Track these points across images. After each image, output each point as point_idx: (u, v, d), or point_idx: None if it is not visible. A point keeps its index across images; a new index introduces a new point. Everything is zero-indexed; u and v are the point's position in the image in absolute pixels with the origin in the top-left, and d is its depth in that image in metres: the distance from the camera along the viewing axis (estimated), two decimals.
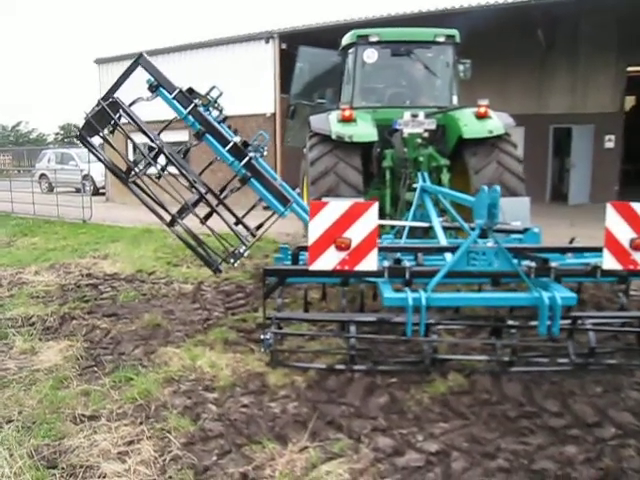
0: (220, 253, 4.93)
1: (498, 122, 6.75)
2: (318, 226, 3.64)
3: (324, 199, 5.95)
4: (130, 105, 4.92)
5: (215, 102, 5.44)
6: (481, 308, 4.92)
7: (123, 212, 13.85)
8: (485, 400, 3.73)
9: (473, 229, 5.05)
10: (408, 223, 5.53)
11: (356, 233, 3.63)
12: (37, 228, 11.50)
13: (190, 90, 5.06)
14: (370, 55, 7.20)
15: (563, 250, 4.39)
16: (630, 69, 13.63)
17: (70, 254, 8.38)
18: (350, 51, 7.54)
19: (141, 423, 3.36)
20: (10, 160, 32.59)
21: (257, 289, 6.52)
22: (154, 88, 4.97)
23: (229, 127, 5.88)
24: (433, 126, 6.91)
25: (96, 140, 5.21)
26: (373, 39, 7.16)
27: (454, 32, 7.31)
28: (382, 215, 6.42)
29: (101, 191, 18.68)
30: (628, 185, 14.43)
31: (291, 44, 13.92)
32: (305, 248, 4.48)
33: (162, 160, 4.96)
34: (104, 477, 2.84)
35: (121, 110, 4.94)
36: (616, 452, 3.04)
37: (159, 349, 4.57)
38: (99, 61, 18.84)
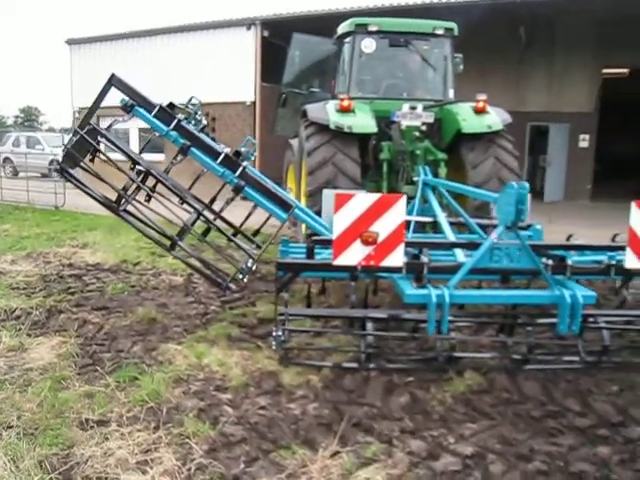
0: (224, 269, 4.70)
1: (496, 117, 6.72)
2: (343, 219, 3.46)
3: (325, 191, 5.77)
4: (107, 129, 4.61)
5: (196, 113, 5.12)
6: (483, 306, 4.87)
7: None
8: (507, 399, 3.66)
9: (482, 226, 5.02)
10: (416, 218, 5.41)
11: (383, 227, 3.47)
12: (7, 214, 10.84)
13: (171, 105, 4.73)
14: (368, 45, 7.03)
15: (581, 248, 4.36)
16: (605, 71, 13.93)
17: (46, 242, 7.91)
18: (347, 40, 7.34)
19: (155, 428, 3.13)
20: None
21: (250, 282, 6.30)
22: (129, 108, 4.62)
23: (207, 132, 5.52)
24: (431, 119, 6.82)
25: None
26: (372, 28, 6.98)
27: (453, 25, 7.22)
28: None
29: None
30: (597, 185, 14.81)
31: (273, 32, 13.59)
32: (320, 241, 4.33)
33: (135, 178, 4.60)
34: None
35: (99, 136, 4.65)
36: None
37: (160, 346, 4.32)
38: (71, 42, 17.94)
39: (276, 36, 13.69)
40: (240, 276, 4.27)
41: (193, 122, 4.98)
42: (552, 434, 3.25)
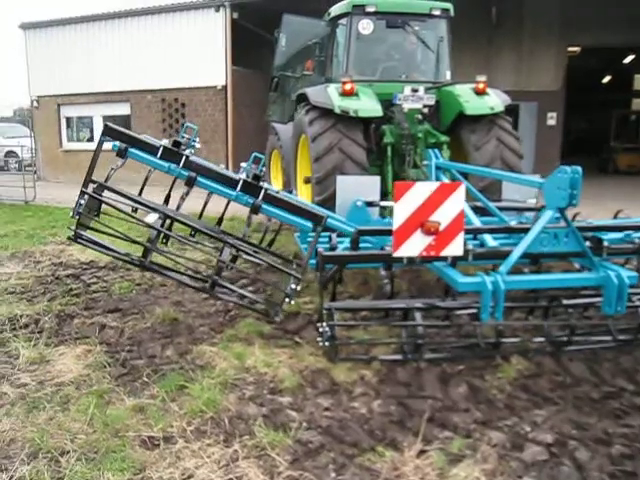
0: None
1: (497, 99, 6.70)
2: (404, 209, 3.32)
3: (339, 177, 5.60)
4: (106, 180, 4.30)
5: (194, 141, 4.85)
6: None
7: (62, 191, 12.45)
8: (561, 383, 3.66)
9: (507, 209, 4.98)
10: None
11: (444, 216, 3.35)
12: None
13: (176, 143, 4.40)
14: (366, 26, 6.82)
15: (620, 228, 4.41)
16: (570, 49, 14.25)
17: (27, 240, 7.34)
18: (342, 21, 7.09)
19: (226, 441, 2.92)
20: None
21: (258, 273, 6.08)
22: (123, 152, 4.31)
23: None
24: (432, 101, 6.75)
25: None
26: (370, 9, 6.76)
27: (449, 6, 7.10)
28: (385, 195, 6.19)
29: (27, 169, 16.89)
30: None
31: (243, 14, 13.09)
32: (366, 232, 4.17)
33: (152, 218, 4.36)
34: None
35: (102, 190, 4.37)
36: None
37: (193, 348, 4.07)
38: (25, 26, 16.73)
39: (246, 18, 13.22)
40: (287, 300, 4.10)
41: (192, 150, 4.68)
42: (618, 415, 3.26)
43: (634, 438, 3.02)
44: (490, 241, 4.60)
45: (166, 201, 5.18)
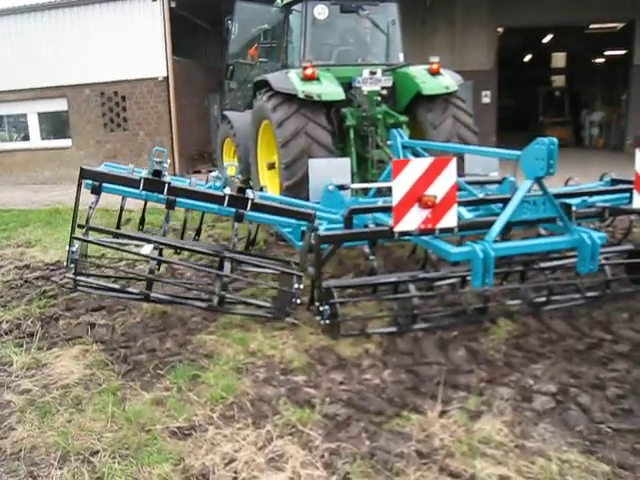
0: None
1: (450, 79, 6.96)
2: (401, 185, 3.44)
3: (311, 161, 5.66)
4: (87, 221, 4.22)
5: (165, 162, 4.78)
6: None
7: (3, 194, 11.75)
8: (548, 339, 3.95)
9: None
10: None
11: (439, 189, 3.51)
12: None
13: (157, 172, 4.33)
14: (321, 11, 6.85)
15: (580, 194, 4.76)
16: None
17: None
18: (297, 7, 7.08)
19: (255, 423, 2.96)
20: None
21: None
22: (98, 189, 4.28)
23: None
24: (389, 83, 6.92)
25: None
26: None
27: None
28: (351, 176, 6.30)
29: None
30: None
31: (180, 2, 12.70)
32: (358, 210, 4.27)
33: (147, 249, 4.33)
34: None
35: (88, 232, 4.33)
36: None
37: (192, 339, 4.05)
38: None
39: (184, 7, 12.86)
40: (293, 300, 4.15)
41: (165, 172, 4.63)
42: (604, 362, 3.57)
43: (623, 380, 3.33)
44: (465, 213, 4.85)
45: (141, 223, 5.40)
